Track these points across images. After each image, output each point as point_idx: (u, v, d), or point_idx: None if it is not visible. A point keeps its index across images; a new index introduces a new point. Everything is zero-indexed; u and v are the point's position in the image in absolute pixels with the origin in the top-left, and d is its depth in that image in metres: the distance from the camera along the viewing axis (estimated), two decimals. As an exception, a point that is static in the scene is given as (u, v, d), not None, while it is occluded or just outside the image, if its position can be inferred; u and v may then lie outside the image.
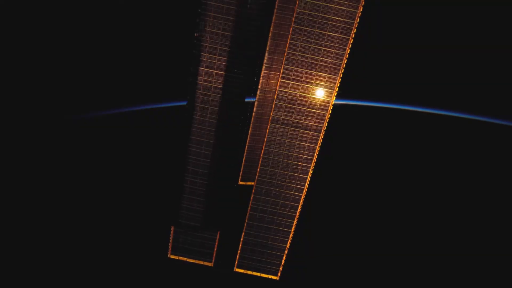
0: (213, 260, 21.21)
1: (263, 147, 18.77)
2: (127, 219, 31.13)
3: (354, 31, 16.78)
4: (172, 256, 21.42)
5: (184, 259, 21.39)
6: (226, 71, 18.34)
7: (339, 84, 17.57)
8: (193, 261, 21.39)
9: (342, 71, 17.37)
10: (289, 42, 17.16)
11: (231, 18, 17.54)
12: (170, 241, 21.06)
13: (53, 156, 32.47)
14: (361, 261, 31.76)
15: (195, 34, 17.83)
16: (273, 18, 20.11)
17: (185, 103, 19.02)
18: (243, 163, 23.20)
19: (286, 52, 17.35)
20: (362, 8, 16.42)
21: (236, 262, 20.66)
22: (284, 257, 20.33)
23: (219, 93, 18.67)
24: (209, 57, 18.15)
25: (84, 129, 33.82)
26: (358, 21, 16.62)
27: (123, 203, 31.65)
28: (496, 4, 29.39)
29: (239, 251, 20.46)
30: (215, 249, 21.05)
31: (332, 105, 17.90)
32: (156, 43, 30.92)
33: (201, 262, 21.38)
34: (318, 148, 18.48)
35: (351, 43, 16.98)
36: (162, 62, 31.41)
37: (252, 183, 19.60)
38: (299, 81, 17.73)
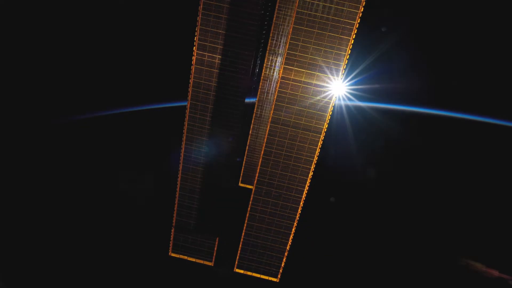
0: (213, 260, 21.28)
1: (263, 147, 18.73)
2: (129, 217, 31.22)
3: (355, 32, 16.72)
4: (172, 254, 21.52)
5: (185, 257, 21.47)
6: (226, 70, 18.32)
7: (339, 84, 17.51)
8: (193, 259, 21.47)
9: (343, 72, 17.31)
10: (289, 42, 17.12)
11: (231, 18, 17.50)
12: (171, 239, 21.14)
13: (54, 156, 32.50)
14: (361, 263, 31.76)
15: (196, 34, 17.81)
16: (274, 18, 20.12)
17: (185, 103, 19.01)
18: (243, 165, 23.21)
19: (286, 52, 17.30)
20: (362, 8, 16.37)
21: (236, 262, 20.67)
22: (284, 259, 20.31)
23: (220, 93, 18.65)
24: (210, 56, 18.13)
25: (85, 129, 33.84)
26: (358, 21, 16.56)
27: (125, 201, 31.73)
28: (496, 4, 29.34)
29: (239, 252, 20.47)
30: (215, 249, 21.11)
31: (333, 106, 17.86)
32: (156, 43, 30.87)
33: (201, 261, 21.46)
34: (318, 149, 18.43)
35: (352, 44, 16.92)
36: (162, 62, 31.36)
37: (252, 187, 19.57)
38: (299, 81, 17.68)
